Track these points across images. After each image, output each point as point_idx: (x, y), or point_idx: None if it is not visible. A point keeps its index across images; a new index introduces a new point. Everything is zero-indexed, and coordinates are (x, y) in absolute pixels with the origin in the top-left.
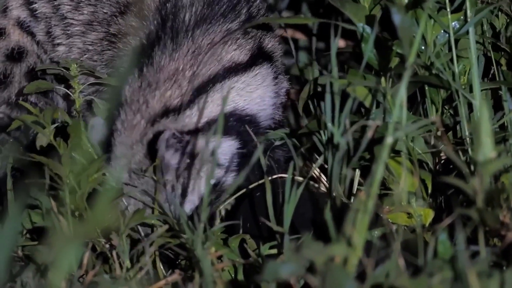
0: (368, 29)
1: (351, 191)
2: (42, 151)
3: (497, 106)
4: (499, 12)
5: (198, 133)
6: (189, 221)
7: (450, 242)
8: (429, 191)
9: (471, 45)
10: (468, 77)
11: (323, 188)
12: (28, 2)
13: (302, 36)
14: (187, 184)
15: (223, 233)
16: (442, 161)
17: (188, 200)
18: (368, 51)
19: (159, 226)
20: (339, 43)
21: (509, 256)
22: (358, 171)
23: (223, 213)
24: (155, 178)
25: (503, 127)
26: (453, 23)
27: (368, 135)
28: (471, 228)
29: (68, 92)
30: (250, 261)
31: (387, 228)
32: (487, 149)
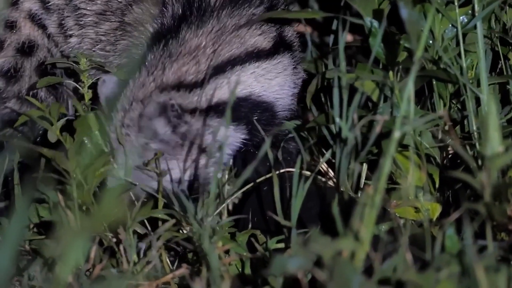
0: (376, 23)
1: (358, 185)
2: (50, 145)
3: (504, 101)
4: (507, 7)
5: (205, 113)
6: (195, 214)
7: (457, 236)
8: (436, 186)
9: (479, 39)
10: (475, 71)
11: (330, 183)
12: None
13: (309, 30)
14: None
15: (230, 227)
16: (450, 155)
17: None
18: (376, 45)
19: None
20: (346, 37)
21: None
22: (365, 165)
23: (230, 207)
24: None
25: (510, 122)
26: (461, 17)
27: (376, 129)
28: (479, 223)
29: (77, 86)
30: (257, 255)
31: (395, 222)
32: (494, 143)
